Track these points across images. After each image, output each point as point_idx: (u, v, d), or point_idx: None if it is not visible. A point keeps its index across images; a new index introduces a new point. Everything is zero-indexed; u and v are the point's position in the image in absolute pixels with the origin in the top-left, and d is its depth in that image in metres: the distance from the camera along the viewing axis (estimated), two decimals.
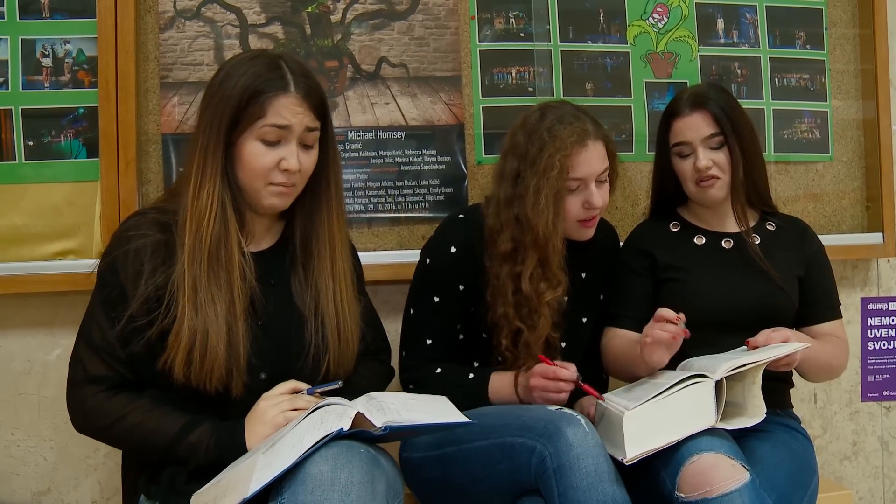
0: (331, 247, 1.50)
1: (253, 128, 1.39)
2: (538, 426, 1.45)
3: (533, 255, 1.67)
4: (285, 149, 1.41)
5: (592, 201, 1.68)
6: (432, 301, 1.73)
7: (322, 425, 1.22)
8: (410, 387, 1.71)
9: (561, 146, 1.64)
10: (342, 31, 2.11)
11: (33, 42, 1.97)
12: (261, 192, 1.43)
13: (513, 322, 1.68)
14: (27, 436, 2.02)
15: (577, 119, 1.68)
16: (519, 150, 1.69)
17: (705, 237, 1.86)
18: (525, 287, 1.67)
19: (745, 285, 1.78)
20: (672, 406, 1.46)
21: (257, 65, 1.41)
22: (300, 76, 1.43)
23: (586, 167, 1.66)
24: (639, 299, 1.83)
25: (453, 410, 1.37)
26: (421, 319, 1.75)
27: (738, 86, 2.29)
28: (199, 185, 1.39)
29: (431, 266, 1.76)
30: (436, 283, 1.74)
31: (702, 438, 1.45)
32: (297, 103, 1.41)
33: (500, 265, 1.69)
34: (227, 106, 1.38)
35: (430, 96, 2.13)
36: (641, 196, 2.19)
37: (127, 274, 1.38)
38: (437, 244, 1.77)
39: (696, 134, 1.76)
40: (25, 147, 1.96)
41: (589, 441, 1.40)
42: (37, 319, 2.01)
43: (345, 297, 1.50)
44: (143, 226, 1.41)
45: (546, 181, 1.64)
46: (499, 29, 2.17)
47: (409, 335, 1.78)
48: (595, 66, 2.22)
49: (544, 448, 1.41)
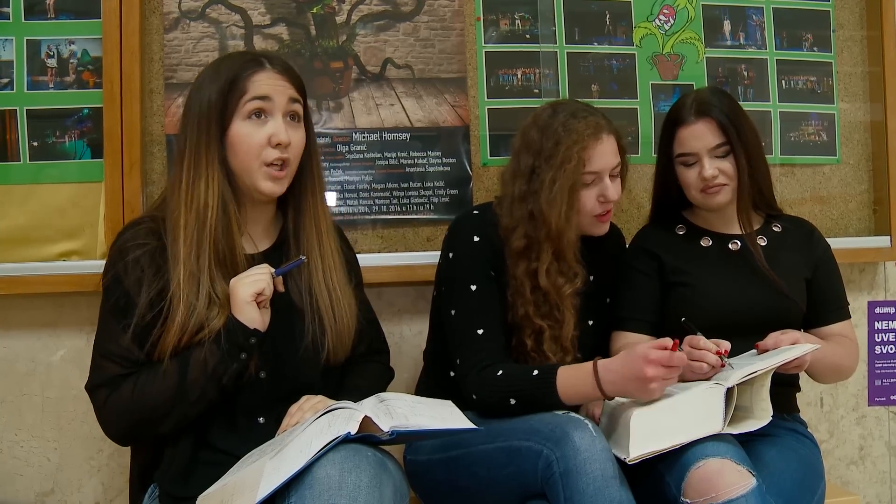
0: (316, 227, 1.53)
1: (238, 108, 1.42)
2: (545, 430, 1.44)
3: (548, 249, 1.66)
4: (273, 123, 1.44)
5: (608, 194, 1.68)
6: (470, 291, 1.67)
7: (329, 429, 1.22)
8: (473, 397, 1.60)
9: (578, 139, 1.64)
10: (347, 33, 2.10)
11: (38, 43, 1.97)
12: (255, 174, 1.44)
13: (535, 321, 1.66)
14: (31, 436, 2.02)
15: (590, 114, 1.69)
16: (533, 147, 1.69)
17: (712, 239, 1.85)
18: (543, 282, 1.66)
19: (753, 287, 1.77)
20: (681, 409, 1.46)
21: (231, 59, 1.48)
22: (276, 59, 1.48)
23: (602, 160, 1.67)
24: (648, 302, 1.82)
25: (459, 416, 1.37)
26: (465, 314, 1.67)
27: (745, 88, 2.29)
28: (195, 178, 1.41)
29: (458, 257, 1.72)
30: (468, 271, 1.69)
31: (707, 443, 1.44)
32: (276, 75, 1.45)
33: (515, 264, 1.68)
34: (211, 98, 1.42)
35: (435, 98, 2.13)
36: (647, 199, 2.14)
37: (130, 282, 1.39)
38: (458, 236, 1.74)
39: (702, 144, 1.75)
40: (30, 148, 1.97)
41: (596, 446, 1.39)
42: (41, 320, 2.01)
43: (335, 277, 1.52)
44: (140, 236, 1.43)
45: (563, 173, 1.64)
46: (504, 30, 2.17)
47: (458, 336, 1.67)
48: (601, 68, 2.22)
49: (551, 452, 1.41)
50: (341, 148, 2.09)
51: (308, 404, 1.39)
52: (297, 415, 1.38)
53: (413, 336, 2.14)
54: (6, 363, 2.01)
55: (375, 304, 1.89)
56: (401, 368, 2.02)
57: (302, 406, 1.40)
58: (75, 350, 2.01)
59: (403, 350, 2.14)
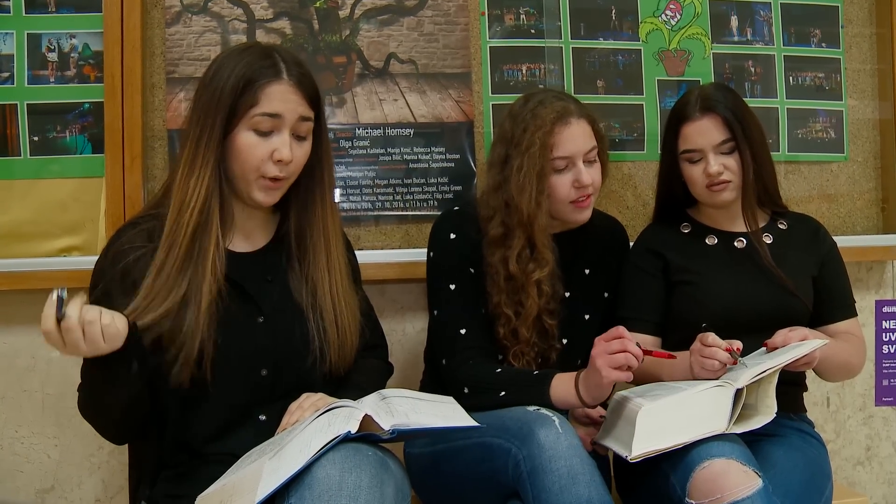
0: (325, 239, 1.51)
1: (246, 117, 1.39)
2: (514, 427, 1.44)
3: (521, 235, 1.67)
4: (278, 139, 1.41)
5: (582, 179, 1.68)
6: (450, 290, 1.70)
7: (329, 428, 1.21)
8: (465, 391, 1.61)
9: (541, 124, 1.65)
10: (350, 27, 2.09)
11: (39, 36, 1.97)
12: (251, 184, 1.43)
13: (505, 309, 1.67)
14: (31, 433, 2.02)
15: (558, 99, 1.70)
16: (505, 136, 1.71)
17: (717, 237, 1.84)
18: (513, 267, 1.66)
19: (760, 286, 1.76)
20: (688, 407, 1.44)
21: (249, 55, 1.42)
22: (293, 65, 1.43)
23: (571, 145, 1.67)
24: (652, 302, 1.81)
25: (461, 413, 1.35)
26: (447, 313, 1.70)
27: (752, 84, 2.27)
28: (187, 175, 1.39)
29: (436, 257, 1.75)
30: (446, 271, 1.72)
31: (713, 443, 1.42)
32: (291, 91, 1.41)
33: (492, 252, 1.69)
34: (221, 96, 1.39)
35: (439, 93, 2.12)
36: (652, 196, 2.11)
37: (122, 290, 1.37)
38: (436, 235, 1.77)
39: (707, 140, 1.74)
40: (30, 142, 1.96)
41: (562, 442, 1.38)
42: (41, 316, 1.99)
43: (340, 289, 1.51)
44: (136, 239, 1.41)
45: (528, 158, 1.64)
46: (509, 25, 2.16)
47: (442, 336, 1.71)
48: (606, 64, 2.21)
49: (518, 450, 1.41)
50: (344, 143, 2.08)
51: (308, 402, 1.38)
52: (296, 413, 1.36)
53: (416, 333, 2.14)
54: (6, 359, 2.01)
55: (378, 301, 1.90)
56: (404, 366, 2.05)
57: (302, 404, 1.38)
58: None
59: (406, 347, 2.13)
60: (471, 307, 1.69)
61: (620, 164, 2.20)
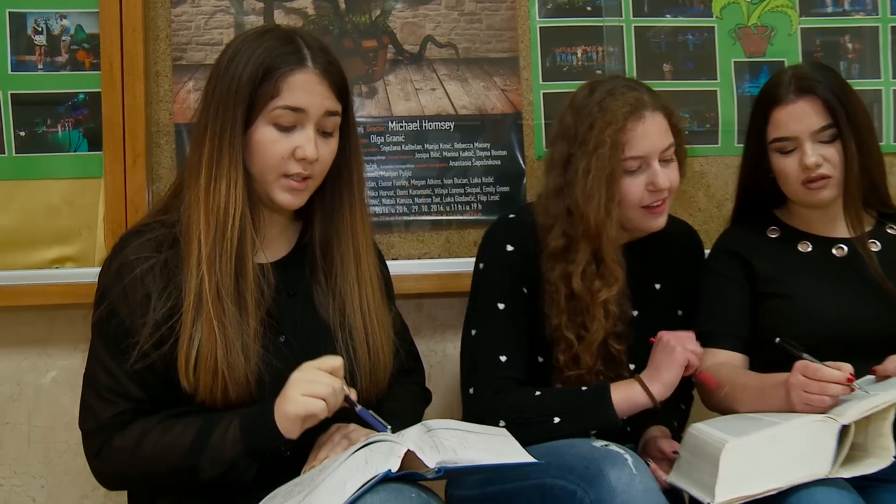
0: (354, 248, 1.46)
1: (266, 110, 1.34)
2: (579, 467, 1.36)
3: (586, 248, 1.60)
4: (301, 135, 1.35)
5: (657, 182, 1.59)
6: (497, 310, 1.61)
7: (366, 466, 1.15)
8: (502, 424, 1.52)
9: (612, 119, 1.57)
10: (381, 7, 2.03)
11: (24, 16, 1.90)
12: (273, 184, 1.37)
13: (566, 333, 1.60)
14: (13, 473, 1.93)
15: (630, 90, 1.62)
16: (568, 133, 1.63)
17: (812, 244, 1.71)
18: (577, 285, 1.59)
19: (864, 301, 1.63)
20: (784, 444, 1.34)
21: (269, 39, 1.37)
22: (318, 51, 1.38)
23: (645, 142, 1.58)
24: (739, 313, 1.69)
25: (517, 448, 1.28)
26: (488, 335, 1.61)
27: (849, 63, 2.14)
28: (216, 178, 1.33)
29: (488, 270, 1.66)
30: (496, 287, 1.63)
31: (817, 489, 1.30)
32: (316, 80, 1.36)
33: (552, 267, 1.62)
34: (239, 86, 1.33)
35: (482, 81, 2.05)
36: (729, 195, 2.01)
37: (130, 308, 1.32)
38: (490, 245, 1.69)
39: (804, 126, 1.62)
40: (16, 138, 1.90)
41: (636, 485, 1.30)
42: (29, 337, 1.94)
43: (372, 305, 1.46)
44: (144, 249, 1.35)
45: (596, 160, 1.56)
46: (562, 2, 2.07)
47: (476, 359, 1.62)
48: (674, 44, 2.11)
49: (585, 494, 1.33)
50: (375, 139, 2.02)
51: (339, 435, 1.32)
52: (326, 447, 1.31)
53: (458, 354, 1.97)
54: None
55: (414, 317, 1.92)
56: (444, 391, 1.99)
57: (332, 437, 1.32)
58: (68, 371, 1.93)
59: (447, 371, 2.04)
60: (516, 333, 1.62)
61: (691, 160, 2.02)
